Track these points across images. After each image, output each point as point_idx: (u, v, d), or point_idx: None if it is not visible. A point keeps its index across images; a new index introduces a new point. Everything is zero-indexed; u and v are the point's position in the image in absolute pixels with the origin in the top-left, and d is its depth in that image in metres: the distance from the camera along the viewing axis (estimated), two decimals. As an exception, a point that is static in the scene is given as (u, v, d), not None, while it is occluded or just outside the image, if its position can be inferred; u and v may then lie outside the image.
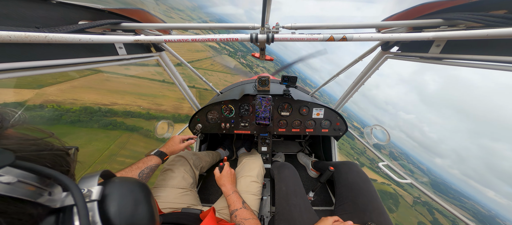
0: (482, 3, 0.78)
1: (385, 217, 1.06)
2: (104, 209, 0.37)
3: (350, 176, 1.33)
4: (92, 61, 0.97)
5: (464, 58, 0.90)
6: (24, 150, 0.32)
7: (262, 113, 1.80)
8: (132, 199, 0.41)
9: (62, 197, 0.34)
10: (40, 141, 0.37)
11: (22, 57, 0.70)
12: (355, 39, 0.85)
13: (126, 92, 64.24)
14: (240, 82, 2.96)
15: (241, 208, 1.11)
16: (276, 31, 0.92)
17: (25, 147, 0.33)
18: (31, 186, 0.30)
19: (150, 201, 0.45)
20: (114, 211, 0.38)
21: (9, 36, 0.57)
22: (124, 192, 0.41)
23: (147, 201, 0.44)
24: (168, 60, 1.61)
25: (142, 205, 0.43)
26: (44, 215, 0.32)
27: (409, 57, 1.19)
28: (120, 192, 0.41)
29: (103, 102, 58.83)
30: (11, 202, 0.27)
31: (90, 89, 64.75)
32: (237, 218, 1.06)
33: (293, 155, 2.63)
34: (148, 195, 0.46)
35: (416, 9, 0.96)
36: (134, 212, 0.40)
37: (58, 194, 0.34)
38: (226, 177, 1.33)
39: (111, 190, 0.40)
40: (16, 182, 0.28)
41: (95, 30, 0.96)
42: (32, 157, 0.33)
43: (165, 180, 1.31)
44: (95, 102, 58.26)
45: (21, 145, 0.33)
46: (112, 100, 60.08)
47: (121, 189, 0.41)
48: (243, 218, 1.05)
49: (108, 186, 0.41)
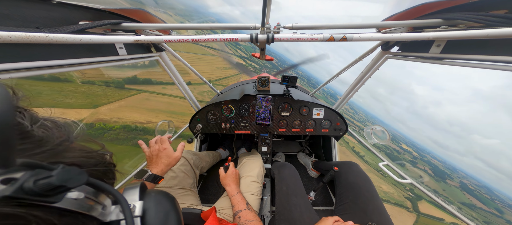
0: (482, 3, 0.78)
1: (386, 217, 1.06)
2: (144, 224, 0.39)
3: (351, 176, 1.33)
4: (92, 61, 0.97)
5: (464, 58, 0.90)
6: (85, 164, 0.35)
7: (262, 113, 1.80)
8: (166, 214, 0.44)
9: (111, 211, 0.36)
10: (95, 154, 0.39)
11: (23, 57, 0.70)
12: (355, 39, 0.85)
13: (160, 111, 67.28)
14: (240, 82, 2.96)
15: (245, 209, 1.11)
16: (277, 31, 0.92)
17: (86, 161, 0.35)
18: (91, 201, 0.31)
19: (178, 212, 0.48)
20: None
21: (10, 37, 0.57)
22: (160, 208, 0.44)
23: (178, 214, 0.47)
24: (168, 60, 1.61)
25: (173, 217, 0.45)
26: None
27: (410, 57, 1.19)
28: (156, 207, 0.43)
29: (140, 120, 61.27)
30: (76, 216, 0.29)
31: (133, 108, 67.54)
32: (241, 219, 1.06)
33: (293, 155, 2.63)
34: (178, 209, 0.49)
35: (416, 9, 0.96)
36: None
37: (108, 208, 0.36)
38: (231, 177, 1.33)
39: (149, 205, 0.42)
40: (82, 198, 0.29)
41: (96, 30, 0.96)
42: (92, 172, 0.35)
43: (165, 181, 1.31)
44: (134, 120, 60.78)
45: (83, 158, 0.35)
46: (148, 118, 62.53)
47: (157, 204, 0.44)
48: (246, 219, 1.05)
49: (146, 200, 0.43)
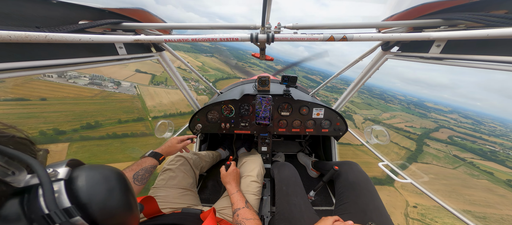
0: (482, 3, 0.78)
1: (386, 217, 1.06)
2: (72, 189, 0.36)
3: (351, 175, 1.33)
4: (92, 61, 0.97)
5: (464, 58, 0.90)
6: None
7: (262, 113, 1.80)
8: (104, 181, 0.40)
9: (27, 178, 0.33)
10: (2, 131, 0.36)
11: (22, 57, 0.70)
12: (356, 39, 0.85)
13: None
14: (240, 82, 2.96)
15: (244, 207, 1.11)
16: (278, 31, 0.92)
17: None
18: None
19: (126, 186, 0.43)
20: (84, 191, 0.36)
21: (9, 36, 0.57)
22: (96, 174, 0.40)
23: (122, 186, 0.43)
24: (168, 60, 1.61)
25: (117, 189, 0.41)
26: (8, 193, 0.32)
27: (409, 57, 1.19)
28: (91, 174, 0.39)
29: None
30: None
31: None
32: (239, 217, 1.06)
33: (293, 155, 2.63)
34: (123, 181, 0.44)
35: (417, 9, 0.96)
36: (107, 194, 0.39)
37: (22, 175, 0.33)
38: (232, 175, 1.34)
39: (80, 172, 0.39)
40: None
41: (96, 29, 0.96)
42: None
43: (165, 180, 1.31)
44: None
45: None
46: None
47: (92, 172, 0.40)
48: (245, 217, 1.05)
49: (78, 169, 0.39)
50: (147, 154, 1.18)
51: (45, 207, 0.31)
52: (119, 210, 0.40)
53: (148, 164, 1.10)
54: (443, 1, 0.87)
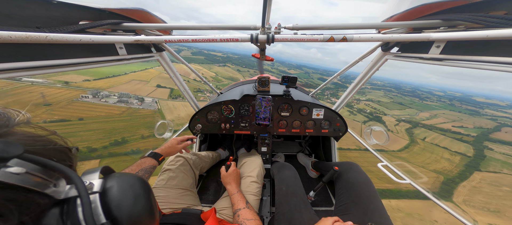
0: (482, 4, 0.78)
1: (386, 218, 1.06)
2: (105, 201, 0.39)
3: (351, 176, 1.33)
4: (92, 61, 0.97)
5: (464, 59, 0.90)
6: (30, 145, 0.34)
7: (262, 114, 1.80)
8: (132, 192, 0.43)
9: (66, 190, 0.36)
10: (44, 138, 0.39)
11: (23, 57, 0.70)
12: (356, 39, 0.85)
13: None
14: (240, 82, 2.96)
15: (245, 208, 1.11)
16: (278, 31, 0.92)
17: (31, 143, 0.35)
18: (37, 177, 0.32)
19: (149, 195, 0.47)
20: (115, 203, 0.40)
21: (9, 36, 0.57)
22: (124, 185, 0.43)
23: (147, 195, 0.46)
24: (169, 60, 1.61)
25: (142, 198, 0.44)
26: (50, 205, 0.34)
27: (409, 57, 1.19)
28: (120, 185, 0.42)
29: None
30: (20, 191, 0.29)
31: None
32: (239, 217, 1.06)
33: (293, 156, 2.63)
34: (148, 190, 0.47)
35: (416, 10, 0.96)
36: (134, 204, 0.42)
37: (62, 186, 0.36)
38: (232, 176, 1.34)
39: (111, 184, 0.42)
40: (24, 173, 0.30)
41: (96, 30, 0.96)
42: (38, 151, 0.35)
43: (165, 181, 1.31)
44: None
45: (27, 140, 0.35)
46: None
47: (121, 182, 0.43)
48: (245, 218, 1.05)
49: (109, 179, 0.43)
50: (146, 155, 1.18)
51: (82, 220, 0.33)
52: (145, 219, 0.44)
53: (148, 165, 1.10)
54: (442, 2, 0.87)
